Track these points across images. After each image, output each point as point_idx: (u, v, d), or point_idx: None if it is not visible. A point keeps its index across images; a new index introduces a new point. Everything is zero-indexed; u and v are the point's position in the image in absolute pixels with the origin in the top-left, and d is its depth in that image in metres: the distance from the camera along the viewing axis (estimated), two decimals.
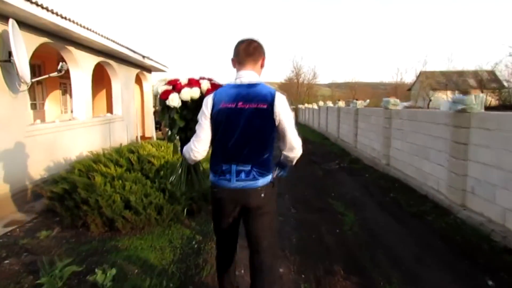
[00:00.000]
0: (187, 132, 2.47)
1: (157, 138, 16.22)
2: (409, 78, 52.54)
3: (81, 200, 4.39)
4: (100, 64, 10.21)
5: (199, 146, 2.16)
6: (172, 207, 4.50)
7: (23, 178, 5.71)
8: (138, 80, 14.43)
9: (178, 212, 4.55)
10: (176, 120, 2.47)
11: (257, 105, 2.02)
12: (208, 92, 2.36)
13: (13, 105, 5.47)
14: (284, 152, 2.20)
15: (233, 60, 2.19)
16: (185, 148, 2.27)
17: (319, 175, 8.24)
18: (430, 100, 36.27)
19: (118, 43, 9.32)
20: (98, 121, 9.20)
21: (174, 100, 2.39)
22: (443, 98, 34.62)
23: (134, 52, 10.62)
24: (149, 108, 14.90)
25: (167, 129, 2.61)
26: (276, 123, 2.06)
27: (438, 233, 4.43)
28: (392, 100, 8.02)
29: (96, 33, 7.74)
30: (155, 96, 2.68)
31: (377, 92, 51.10)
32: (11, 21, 4.98)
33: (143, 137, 14.34)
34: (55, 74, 5.41)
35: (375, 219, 5.00)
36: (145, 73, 14.02)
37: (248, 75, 2.11)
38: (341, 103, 14.65)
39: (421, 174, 6.45)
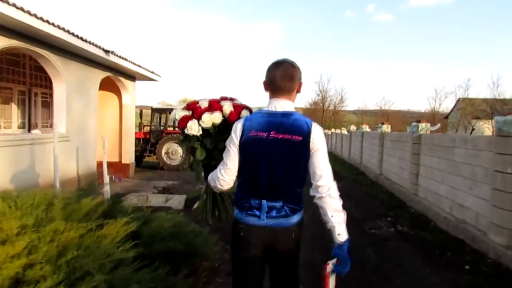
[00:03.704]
0: (210, 160, 2.21)
1: (140, 165, 12.72)
2: (443, 106, 48.63)
3: None
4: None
5: (226, 176, 1.93)
6: None
7: None
8: (116, 90, 11.08)
9: None
10: (197, 149, 2.20)
11: (292, 137, 1.81)
12: (231, 115, 2.15)
13: None
14: (312, 192, 1.86)
15: (265, 83, 1.94)
16: (210, 176, 2.06)
17: (366, 258, 4.28)
18: (473, 129, 33.83)
19: (49, 22, 5.91)
20: None
21: (193, 128, 2.14)
22: (487, 127, 31.25)
23: (86, 41, 7.18)
24: (129, 127, 11.41)
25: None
26: (310, 155, 1.86)
27: None
28: None
29: None
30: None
31: (407, 120, 47.08)
32: None
33: (117, 165, 10.75)
34: None
35: None
36: (123, 80, 10.61)
37: (282, 104, 1.88)
38: (386, 127, 10.69)
39: None
